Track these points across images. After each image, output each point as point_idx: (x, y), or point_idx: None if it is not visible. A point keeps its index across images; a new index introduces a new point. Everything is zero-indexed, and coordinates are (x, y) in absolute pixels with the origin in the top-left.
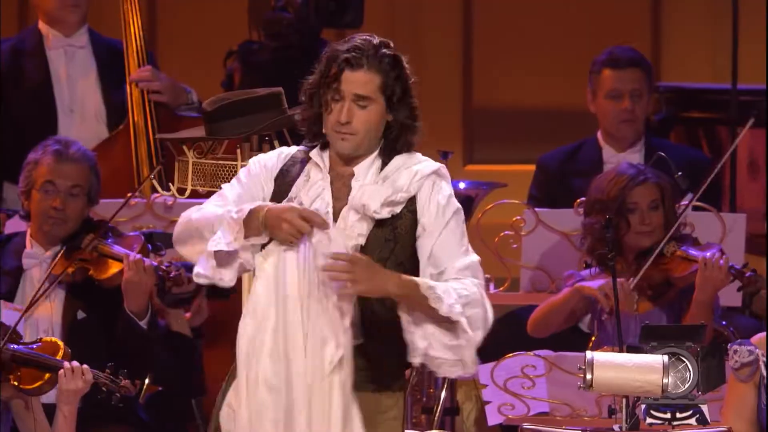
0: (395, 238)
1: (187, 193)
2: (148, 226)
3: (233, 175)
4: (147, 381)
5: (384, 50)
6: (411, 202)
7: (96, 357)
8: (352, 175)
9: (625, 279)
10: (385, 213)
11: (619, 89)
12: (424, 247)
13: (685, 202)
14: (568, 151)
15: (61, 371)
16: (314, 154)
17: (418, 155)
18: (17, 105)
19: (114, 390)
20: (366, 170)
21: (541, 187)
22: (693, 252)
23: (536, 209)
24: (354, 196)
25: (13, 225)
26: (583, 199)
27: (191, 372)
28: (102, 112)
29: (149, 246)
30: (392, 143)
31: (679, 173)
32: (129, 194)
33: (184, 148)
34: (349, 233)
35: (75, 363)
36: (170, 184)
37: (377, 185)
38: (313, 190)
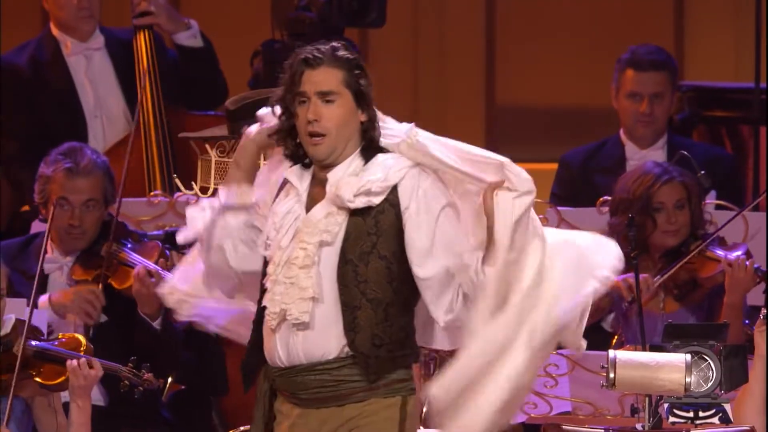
0: (377, 232)
1: (210, 191)
2: (171, 225)
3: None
4: (170, 380)
5: (342, 51)
6: (393, 195)
7: (118, 359)
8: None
9: (649, 275)
10: (360, 202)
11: (639, 91)
12: (412, 242)
13: (708, 200)
14: (590, 149)
15: (72, 365)
16: (291, 170)
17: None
18: (47, 113)
19: (137, 383)
20: (343, 170)
21: (563, 185)
22: (719, 252)
23: (559, 208)
24: (329, 190)
25: (38, 227)
26: (606, 198)
27: (213, 370)
28: (126, 110)
29: (167, 248)
30: (370, 143)
31: (702, 172)
32: (152, 193)
33: (207, 146)
34: (312, 230)
35: (88, 358)
36: (193, 182)
37: (351, 177)
38: (285, 204)
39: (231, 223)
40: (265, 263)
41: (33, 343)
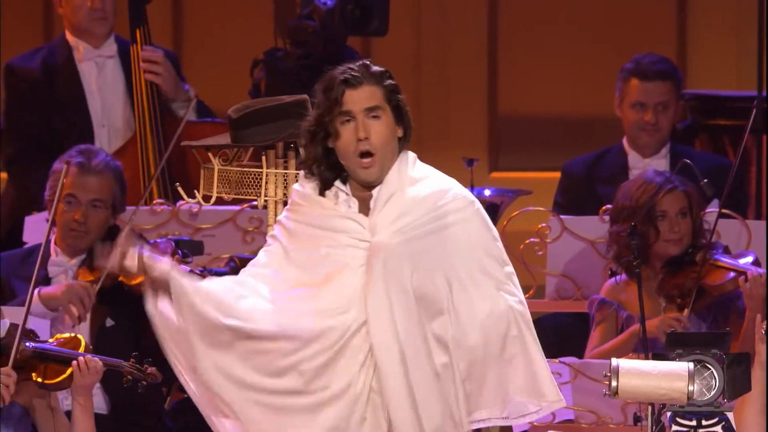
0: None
1: (213, 200)
2: (174, 233)
3: (258, 182)
4: (173, 388)
5: (374, 67)
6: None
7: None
8: (371, 196)
9: (680, 314)
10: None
11: (643, 101)
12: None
13: (710, 209)
14: (593, 158)
15: (75, 365)
16: (333, 189)
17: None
18: (55, 119)
19: (140, 378)
20: (388, 189)
21: (566, 193)
22: (727, 260)
23: (562, 216)
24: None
25: (33, 221)
26: (609, 206)
27: None
28: (132, 121)
29: (179, 252)
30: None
31: (704, 180)
32: (155, 201)
33: (210, 155)
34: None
35: (87, 356)
36: (195, 191)
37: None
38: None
39: None
40: None
41: (29, 344)
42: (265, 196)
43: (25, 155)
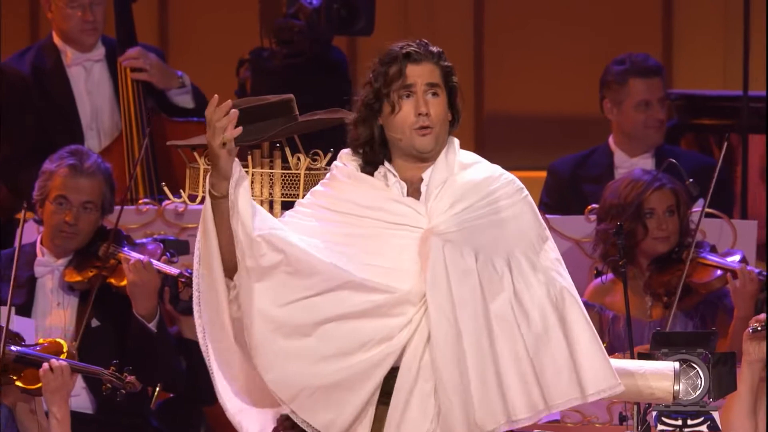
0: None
1: (198, 199)
2: (160, 233)
3: None
4: (158, 388)
5: (433, 47)
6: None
7: (110, 364)
8: (420, 180)
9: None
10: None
11: (649, 99)
12: None
13: (696, 208)
14: (579, 157)
15: (44, 369)
16: (381, 169)
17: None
18: (45, 122)
19: (119, 386)
20: (440, 174)
21: (552, 193)
22: (714, 258)
23: (548, 216)
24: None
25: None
26: (594, 205)
27: (203, 379)
28: (120, 123)
29: (167, 253)
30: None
31: (690, 180)
32: (141, 200)
33: (195, 154)
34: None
35: (54, 361)
36: (181, 190)
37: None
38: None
39: None
40: None
41: (13, 348)
42: (251, 195)
43: (16, 156)
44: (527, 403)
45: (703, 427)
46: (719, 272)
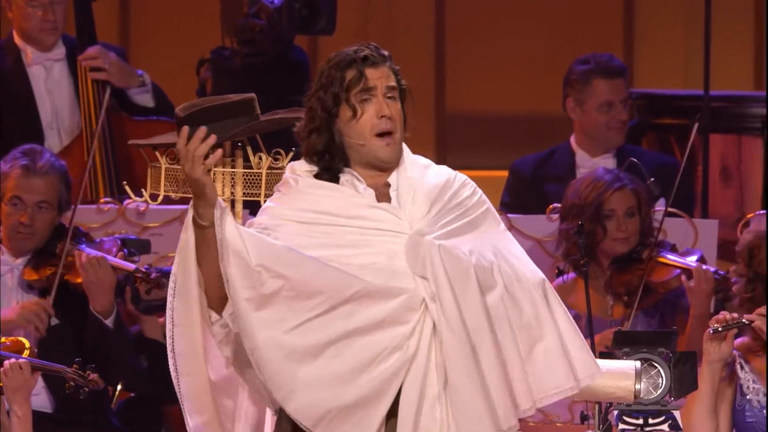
0: None
1: (160, 199)
2: (121, 232)
3: None
4: (119, 387)
5: (383, 50)
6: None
7: (71, 361)
8: (387, 185)
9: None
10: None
11: (612, 100)
12: None
13: (658, 208)
14: (541, 157)
15: (2, 369)
16: (346, 175)
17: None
18: (6, 120)
19: (82, 384)
20: (407, 179)
21: (513, 192)
22: (673, 257)
23: (509, 215)
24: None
25: None
26: (556, 205)
27: (163, 378)
28: (81, 123)
29: (125, 250)
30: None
31: (651, 179)
32: (102, 200)
33: (157, 153)
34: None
35: (13, 359)
36: (143, 189)
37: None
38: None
39: None
40: None
41: None
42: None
43: None
44: (528, 394)
45: (664, 426)
46: (677, 271)
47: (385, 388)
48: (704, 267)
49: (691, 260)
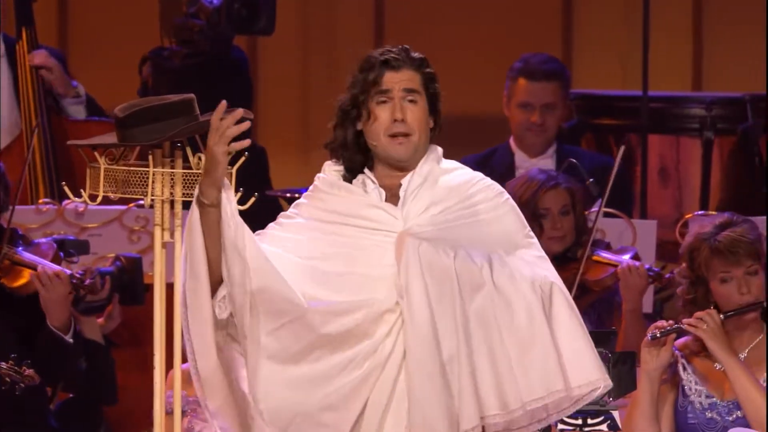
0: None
1: (99, 199)
2: (60, 233)
3: (144, 181)
4: (58, 388)
5: (414, 52)
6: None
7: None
8: (400, 185)
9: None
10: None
11: (531, 102)
12: None
13: (595, 208)
14: (480, 157)
15: None
16: (362, 176)
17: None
18: None
19: (18, 380)
20: (418, 178)
21: None
22: (607, 255)
23: None
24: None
25: None
26: None
27: (104, 379)
28: (20, 121)
29: (61, 254)
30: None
31: (590, 180)
32: (41, 200)
33: (96, 154)
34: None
35: None
36: (82, 190)
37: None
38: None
39: None
40: None
41: None
42: (152, 195)
43: None
44: (499, 401)
45: (603, 426)
46: (612, 270)
47: (355, 394)
48: (636, 263)
49: (626, 258)
